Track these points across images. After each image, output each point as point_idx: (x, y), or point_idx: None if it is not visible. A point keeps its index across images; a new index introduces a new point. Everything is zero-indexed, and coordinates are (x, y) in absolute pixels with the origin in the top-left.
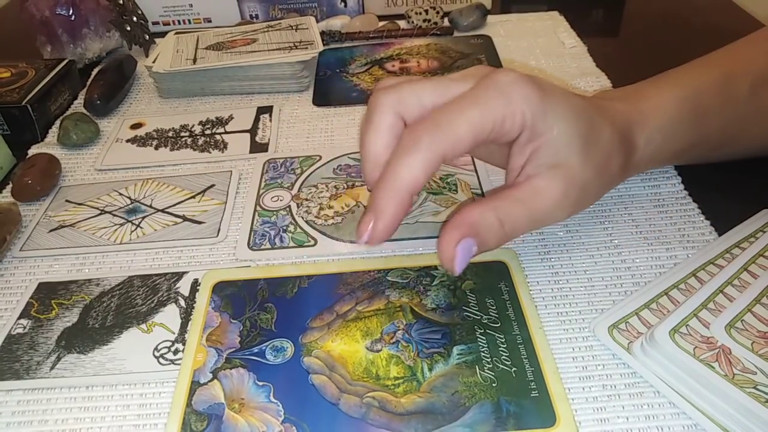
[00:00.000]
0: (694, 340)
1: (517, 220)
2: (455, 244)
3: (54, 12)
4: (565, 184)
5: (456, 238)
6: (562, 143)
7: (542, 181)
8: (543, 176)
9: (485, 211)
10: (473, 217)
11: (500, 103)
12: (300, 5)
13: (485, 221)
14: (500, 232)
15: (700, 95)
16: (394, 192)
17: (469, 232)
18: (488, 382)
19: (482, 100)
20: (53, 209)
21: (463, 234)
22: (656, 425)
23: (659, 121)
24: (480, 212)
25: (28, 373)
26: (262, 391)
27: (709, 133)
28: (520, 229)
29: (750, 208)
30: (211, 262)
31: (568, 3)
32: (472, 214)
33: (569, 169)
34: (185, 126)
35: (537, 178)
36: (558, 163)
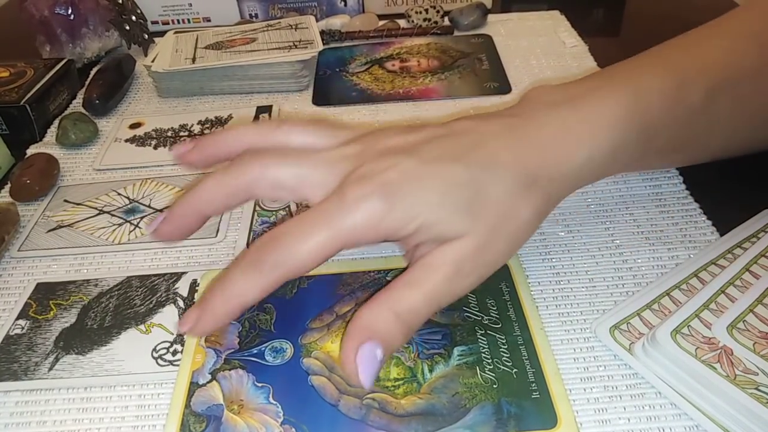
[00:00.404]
0: (696, 341)
1: (414, 304)
2: (354, 355)
3: (53, 11)
4: (457, 255)
5: (354, 346)
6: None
7: (430, 258)
8: (431, 254)
9: (375, 307)
10: (364, 318)
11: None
12: (299, 4)
13: (379, 319)
14: (399, 324)
15: (648, 105)
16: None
17: (366, 336)
18: (489, 383)
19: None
20: (51, 209)
21: (360, 340)
22: (658, 426)
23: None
24: (370, 311)
25: (26, 374)
26: (262, 393)
27: (657, 146)
28: (420, 314)
29: (752, 208)
30: (209, 263)
31: (568, 2)
32: (363, 315)
33: (457, 240)
34: (184, 126)
35: (426, 257)
36: (444, 238)
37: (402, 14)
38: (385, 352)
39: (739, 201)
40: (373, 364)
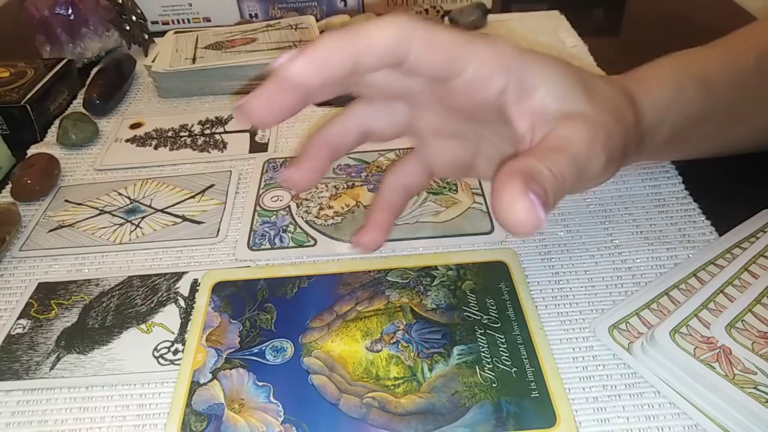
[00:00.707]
0: (695, 340)
1: (564, 168)
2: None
3: (53, 11)
4: (588, 128)
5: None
6: (565, 92)
7: (563, 130)
8: (561, 127)
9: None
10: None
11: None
12: (299, 4)
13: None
14: (556, 183)
15: (704, 64)
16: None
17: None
18: (488, 383)
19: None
20: (52, 209)
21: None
22: (656, 425)
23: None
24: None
25: (28, 373)
26: (262, 392)
27: (718, 102)
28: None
29: (750, 208)
30: (210, 262)
31: (568, 2)
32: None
33: (584, 114)
34: (185, 126)
35: (556, 130)
36: (569, 113)
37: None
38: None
39: (738, 201)
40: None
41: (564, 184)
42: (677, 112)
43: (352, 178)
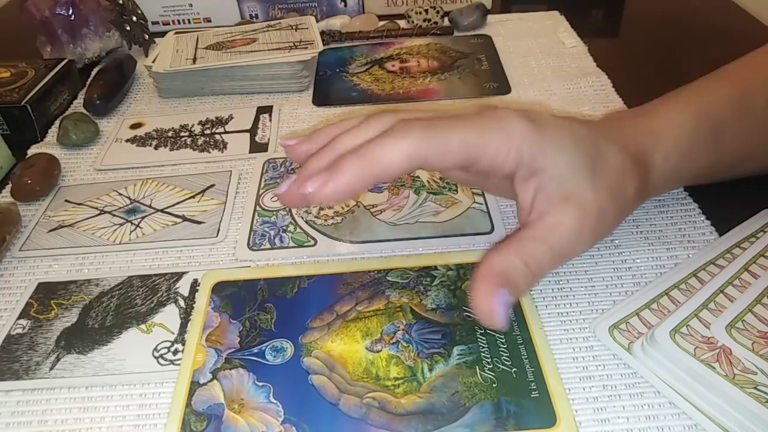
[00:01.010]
0: (695, 341)
1: (541, 259)
2: (491, 297)
3: (54, 12)
4: (580, 215)
5: (490, 290)
6: (568, 174)
7: (555, 216)
8: (555, 211)
9: (509, 256)
10: (500, 264)
11: (498, 135)
12: (300, 5)
13: (512, 267)
14: (529, 274)
15: (715, 110)
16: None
17: (500, 282)
18: (488, 383)
19: (482, 127)
20: (53, 209)
21: (496, 284)
22: (657, 425)
23: (674, 139)
24: (505, 259)
25: (28, 373)
26: (262, 392)
27: (728, 150)
28: (546, 267)
29: (750, 208)
30: (210, 263)
31: (568, 3)
32: (498, 262)
33: (580, 199)
34: (185, 126)
35: (550, 215)
36: (568, 195)
37: (402, 15)
38: (514, 297)
39: (738, 201)
40: (506, 307)
41: (541, 271)
42: (688, 161)
43: None
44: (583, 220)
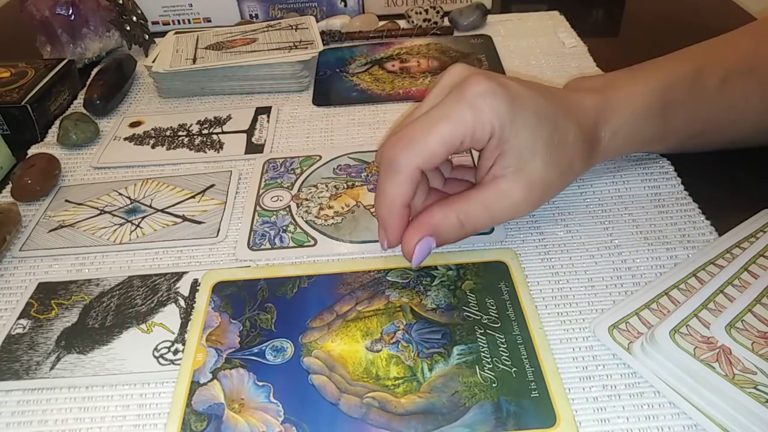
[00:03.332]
0: (695, 340)
1: (477, 219)
2: (415, 242)
3: (54, 12)
4: (528, 187)
5: (417, 236)
6: (526, 148)
7: (506, 183)
8: (507, 178)
9: (449, 212)
10: (436, 218)
11: (469, 115)
12: (300, 5)
13: (447, 221)
14: (460, 230)
15: (670, 88)
16: (389, 208)
17: (430, 232)
18: (488, 382)
19: (453, 114)
20: (53, 209)
21: (424, 233)
22: (656, 425)
23: (626, 115)
24: (443, 214)
25: (28, 373)
26: (262, 392)
27: (677, 125)
28: (479, 227)
29: (750, 208)
30: (210, 262)
31: (568, 3)
32: (436, 216)
33: (532, 172)
34: (183, 125)
35: (501, 181)
36: (522, 167)
37: (402, 15)
38: (439, 244)
39: (738, 201)
40: (426, 252)
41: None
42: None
43: (352, 178)
44: (529, 192)
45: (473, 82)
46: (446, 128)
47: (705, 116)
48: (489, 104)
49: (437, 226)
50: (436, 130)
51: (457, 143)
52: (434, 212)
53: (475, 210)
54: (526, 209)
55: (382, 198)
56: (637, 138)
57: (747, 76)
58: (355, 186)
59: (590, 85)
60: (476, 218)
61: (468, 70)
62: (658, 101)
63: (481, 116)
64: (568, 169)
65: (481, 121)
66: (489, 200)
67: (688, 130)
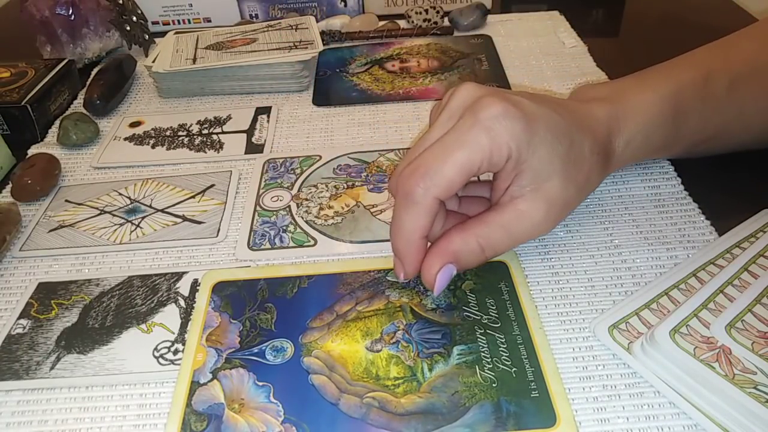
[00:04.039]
0: (695, 340)
1: (497, 243)
2: (437, 271)
3: (54, 12)
4: (548, 206)
5: (438, 265)
6: (544, 166)
7: (525, 203)
8: (526, 199)
9: (468, 237)
10: (456, 245)
11: (486, 140)
12: (300, 5)
13: (467, 247)
14: (481, 255)
15: (680, 95)
16: (407, 241)
17: (451, 260)
18: (488, 382)
19: (468, 140)
20: (53, 209)
21: (445, 262)
22: (656, 425)
23: (639, 123)
24: (463, 240)
25: (28, 373)
26: (262, 392)
27: (688, 132)
28: (499, 250)
29: (750, 208)
30: (211, 262)
31: (568, 3)
32: (456, 242)
33: (551, 190)
34: (183, 125)
35: (520, 201)
36: (540, 185)
37: (402, 15)
38: (459, 270)
39: (738, 201)
40: (447, 279)
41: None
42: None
43: (352, 178)
44: (549, 210)
45: (486, 104)
46: (463, 155)
47: (716, 122)
48: (505, 127)
49: (457, 253)
50: (452, 158)
51: (474, 169)
52: (453, 239)
53: (495, 233)
54: (547, 228)
55: (398, 231)
56: (650, 146)
57: (754, 79)
58: (355, 186)
59: (599, 94)
60: (497, 242)
61: (478, 91)
62: (669, 108)
63: (498, 140)
64: (585, 183)
65: (498, 144)
66: (509, 222)
67: (698, 137)
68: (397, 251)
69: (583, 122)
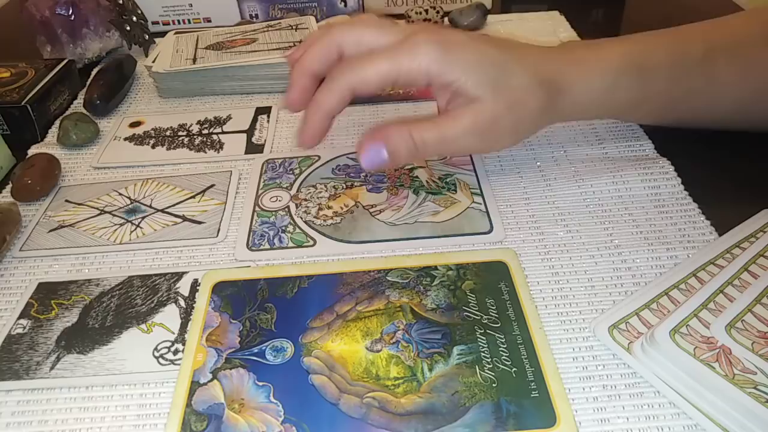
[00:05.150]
0: (695, 340)
1: (427, 137)
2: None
3: (54, 12)
4: (474, 115)
5: (369, 140)
6: (471, 86)
7: (457, 110)
8: (458, 108)
9: (402, 127)
10: (391, 129)
11: (406, 59)
12: (300, 5)
13: (399, 134)
14: (411, 146)
15: (650, 51)
16: (317, 111)
17: (381, 139)
18: (488, 383)
19: (393, 56)
20: (53, 209)
21: (376, 139)
22: (656, 425)
23: (601, 70)
24: (397, 128)
25: (28, 373)
26: (262, 392)
27: (656, 91)
28: (429, 147)
29: (750, 208)
30: (211, 263)
31: (568, 3)
32: (390, 126)
33: (480, 103)
34: (183, 125)
35: (452, 110)
36: (470, 101)
37: (402, 15)
38: (390, 157)
39: (738, 201)
40: (376, 156)
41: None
42: (613, 94)
43: (351, 179)
44: (477, 119)
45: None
46: (384, 65)
47: (685, 86)
48: (425, 52)
49: (390, 135)
50: (375, 65)
51: (390, 79)
52: (389, 125)
53: (427, 128)
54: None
55: (314, 103)
56: (614, 97)
57: (730, 52)
58: (354, 186)
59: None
60: (427, 136)
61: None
62: (636, 61)
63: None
64: (518, 106)
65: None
66: (441, 121)
67: (667, 99)
68: (307, 118)
69: (525, 59)
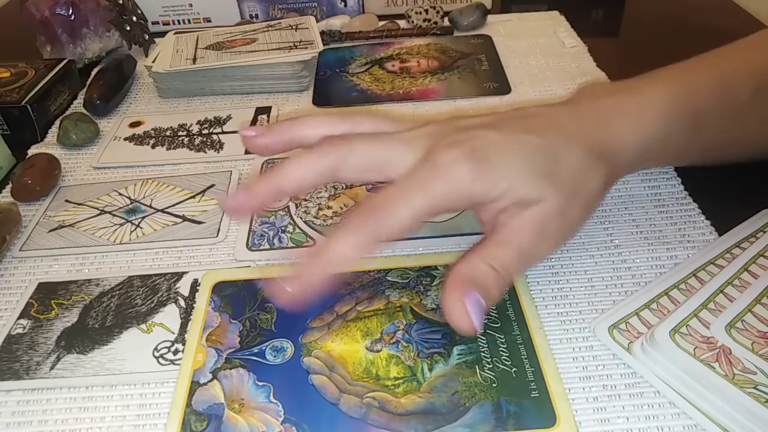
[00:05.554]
0: (695, 340)
1: (507, 260)
2: (463, 303)
3: (54, 12)
4: (540, 216)
5: (459, 296)
6: (523, 189)
7: (517, 220)
8: (516, 216)
9: (475, 261)
10: (466, 271)
11: (442, 187)
12: (300, 5)
13: (477, 270)
14: (498, 278)
15: (697, 94)
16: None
17: (467, 285)
18: (488, 382)
19: (425, 185)
20: (53, 209)
21: (464, 290)
22: (656, 425)
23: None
24: (471, 265)
25: (28, 373)
26: (262, 392)
27: (707, 136)
28: (513, 269)
29: (750, 208)
30: (211, 263)
31: (568, 3)
32: (464, 268)
33: (540, 203)
34: (183, 125)
35: (512, 220)
36: (527, 204)
37: (402, 15)
38: (487, 302)
39: (738, 201)
40: (480, 310)
41: (508, 274)
42: (663, 146)
43: None
44: (544, 219)
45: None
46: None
47: (735, 127)
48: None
49: (470, 276)
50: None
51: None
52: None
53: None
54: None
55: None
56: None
57: None
58: (353, 186)
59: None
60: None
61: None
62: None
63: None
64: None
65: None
66: (508, 238)
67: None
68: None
69: (573, 131)
